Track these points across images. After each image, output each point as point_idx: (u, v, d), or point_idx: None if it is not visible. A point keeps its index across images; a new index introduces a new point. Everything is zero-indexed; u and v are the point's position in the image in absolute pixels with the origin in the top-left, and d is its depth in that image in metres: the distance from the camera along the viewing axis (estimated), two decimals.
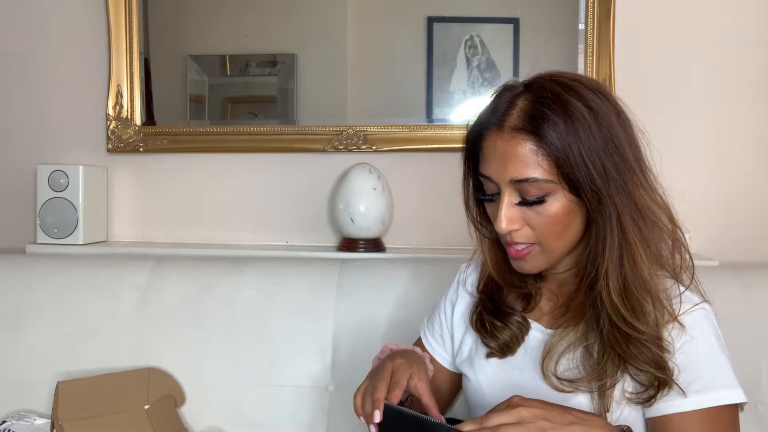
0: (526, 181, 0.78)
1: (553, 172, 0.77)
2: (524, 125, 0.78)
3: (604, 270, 0.79)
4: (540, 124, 0.77)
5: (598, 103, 0.78)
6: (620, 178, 0.77)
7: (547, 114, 0.77)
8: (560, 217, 0.79)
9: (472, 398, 0.95)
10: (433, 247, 1.61)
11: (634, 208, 0.78)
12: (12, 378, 1.29)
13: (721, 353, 0.80)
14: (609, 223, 0.78)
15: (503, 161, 0.79)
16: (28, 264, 1.42)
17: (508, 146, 0.78)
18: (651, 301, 0.79)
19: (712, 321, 0.82)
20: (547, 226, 0.80)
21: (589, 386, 0.81)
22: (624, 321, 0.78)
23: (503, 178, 0.79)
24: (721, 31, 1.56)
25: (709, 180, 1.57)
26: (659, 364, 0.77)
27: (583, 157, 0.76)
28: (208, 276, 1.35)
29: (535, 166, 0.77)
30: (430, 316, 1.06)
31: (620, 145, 0.78)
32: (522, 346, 0.89)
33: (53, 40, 1.69)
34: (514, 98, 0.81)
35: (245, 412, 1.25)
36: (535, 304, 0.91)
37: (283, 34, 1.66)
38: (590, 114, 0.77)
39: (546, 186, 0.78)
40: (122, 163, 1.70)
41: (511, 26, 1.61)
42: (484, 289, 0.95)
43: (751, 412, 1.17)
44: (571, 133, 0.76)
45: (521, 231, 0.81)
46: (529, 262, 0.84)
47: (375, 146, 1.62)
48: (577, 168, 0.76)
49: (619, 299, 0.78)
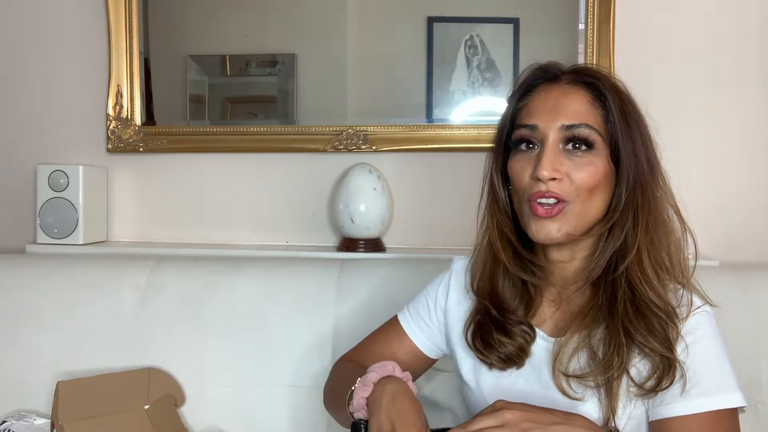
0: (578, 127, 0.80)
1: (603, 129, 0.81)
2: (584, 78, 0.84)
3: (636, 240, 0.81)
4: (597, 83, 0.83)
5: (632, 99, 0.86)
6: (650, 166, 0.83)
7: (602, 79, 0.84)
8: (599, 175, 0.81)
9: (473, 406, 0.93)
10: (433, 247, 1.61)
11: (655, 195, 0.84)
12: (12, 378, 1.29)
13: (723, 357, 0.80)
14: (639, 196, 0.82)
15: (556, 108, 0.82)
16: (28, 264, 1.42)
17: (565, 94, 0.82)
18: (672, 275, 0.83)
19: (713, 324, 0.82)
20: (584, 181, 0.81)
21: (596, 380, 0.80)
22: (653, 289, 0.80)
23: (553, 124, 0.82)
24: (722, 31, 1.56)
25: (710, 180, 1.57)
26: (668, 341, 0.78)
27: (630, 131, 0.82)
28: (208, 276, 1.35)
29: (590, 115, 0.81)
30: (413, 302, 1.03)
31: (652, 139, 0.85)
32: (529, 357, 0.88)
33: (53, 40, 1.69)
34: (562, 67, 0.87)
35: (245, 411, 1.25)
36: (536, 309, 0.89)
37: (283, 34, 1.66)
38: (630, 103, 0.85)
39: (595, 138, 0.81)
40: (122, 163, 1.70)
41: (511, 26, 1.61)
42: (480, 291, 0.92)
43: (751, 413, 1.17)
44: (621, 105, 0.83)
45: (559, 182, 0.81)
46: (556, 222, 0.82)
47: (375, 146, 1.62)
48: (621, 139, 0.81)
49: (652, 270, 0.81)
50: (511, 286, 0.90)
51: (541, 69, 0.88)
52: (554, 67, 0.87)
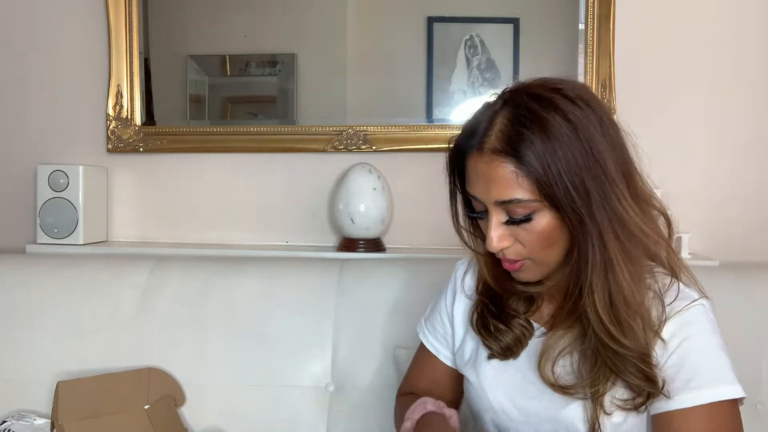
0: (510, 202, 0.78)
1: (534, 191, 0.77)
2: (503, 147, 0.77)
3: (588, 286, 0.79)
4: (517, 145, 0.76)
5: (578, 115, 0.77)
6: (601, 194, 0.76)
7: (524, 134, 0.76)
8: (548, 233, 0.80)
9: (475, 401, 0.94)
10: (433, 247, 1.61)
11: (617, 222, 0.77)
12: (12, 378, 1.29)
13: (720, 349, 0.81)
14: (591, 241, 0.77)
15: (486, 183, 0.79)
16: (28, 264, 1.42)
17: (489, 168, 0.78)
18: (636, 318, 0.79)
19: (711, 317, 0.82)
20: (536, 242, 0.81)
21: (583, 392, 0.81)
22: (610, 337, 0.78)
23: (489, 199, 0.80)
24: (721, 31, 1.56)
25: (710, 180, 1.57)
26: (648, 376, 0.78)
27: (562, 176, 0.75)
28: (208, 276, 1.35)
29: (517, 188, 0.77)
30: (428, 317, 1.06)
31: (601, 158, 0.76)
32: (525, 350, 0.90)
33: (53, 40, 1.69)
34: (493, 116, 0.80)
35: (245, 411, 1.25)
36: (537, 307, 0.91)
37: (283, 34, 1.66)
38: (569, 128, 0.76)
39: (530, 205, 0.78)
40: (122, 163, 1.70)
41: (511, 26, 1.61)
42: (485, 291, 0.95)
43: (750, 412, 1.17)
44: (549, 151, 0.75)
45: (512, 248, 0.82)
46: (525, 273, 0.85)
47: (375, 146, 1.62)
48: (556, 187, 0.76)
49: (606, 315, 0.79)
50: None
51: (471, 133, 0.82)
52: (482, 125, 0.81)
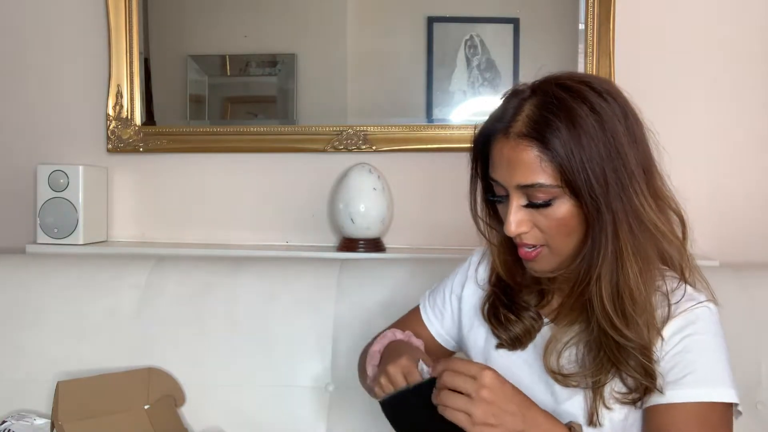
0: (532, 187, 0.79)
1: (557, 177, 0.78)
2: (529, 132, 0.79)
3: (596, 275, 0.80)
4: (544, 130, 0.78)
5: (604, 107, 0.79)
6: (620, 186, 0.78)
7: (551, 120, 0.78)
8: (567, 220, 0.81)
9: None
10: (433, 247, 1.61)
11: (632, 215, 0.79)
12: (12, 378, 1.29)
13: (720, 352, 0.81)
14: (605, 230, 0.79)
15: (510, 167, 0.81)
16: (28, 264, 1.42)
17: (514, 152, 0.80)
18: (641, 313, 0.79)
19: (715, 320, 0.83)
20: (554, 229, 0.81)
21: (585, 382, 0.82)
22: (613, 327, 0.79)
23: (510, 183, 0.81)
24: (721, 31, 1.56)
25: (710, 180, 1.57)
26: (647, 371, 0.79)
27: (584, 164, 0.77)
28: (208, 276, 1.35)
29: (540, 172, 0.79)
30: (433, 291, 1.07)
31: (623, 151, 0.78)
32: (533, 341, 0.91)
33: (53, 40, 1.69)
34: (521, 103, 0.82)
35: (245, 411, 1.25)
36: (548, 301, 0.92)
37: (283, 34, 1.66)
38: (595, 119, 0.78)
39: (551, 190, 0.79)
40: (122, 163, 1.70)
41: (511, 26, 1.61)
42: (497, 283, 0.96)
43: (751, 412, 1.17)
44: (574, 139, 0.77)
45: (530, 233, 0.83)
46: (539, 263, 0.85)
47: (375, 146, 1.62)
48: (577, 175, 0.77)
49: (611, 305, 0.80)
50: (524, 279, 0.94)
51: (499, 117, 0.84)
52: (509, 110, 0.82)
